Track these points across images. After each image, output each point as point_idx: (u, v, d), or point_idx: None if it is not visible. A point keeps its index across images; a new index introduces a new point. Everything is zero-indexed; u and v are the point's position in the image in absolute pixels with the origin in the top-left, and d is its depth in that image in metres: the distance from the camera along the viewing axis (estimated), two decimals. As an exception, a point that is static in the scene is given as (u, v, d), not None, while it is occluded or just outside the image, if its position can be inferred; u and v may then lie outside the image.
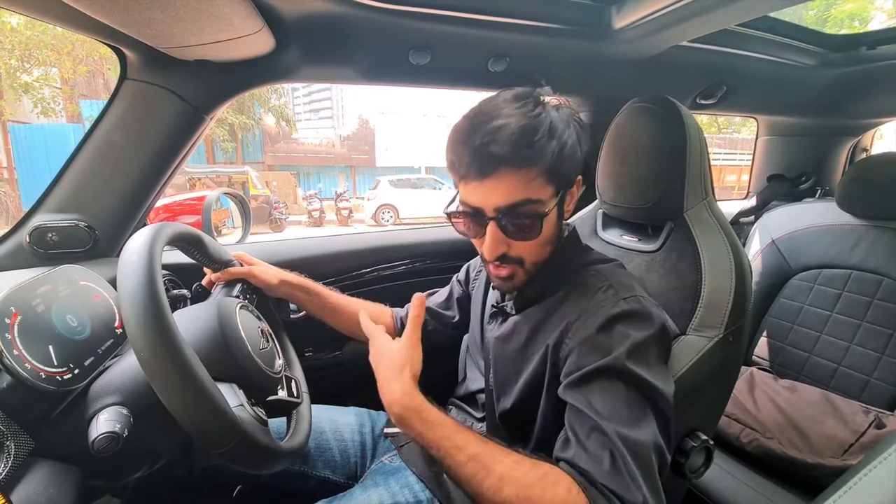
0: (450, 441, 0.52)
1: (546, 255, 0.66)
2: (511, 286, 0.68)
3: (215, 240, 0.85)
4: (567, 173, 0.61)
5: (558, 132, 0.58)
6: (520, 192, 0.57)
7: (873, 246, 1.16)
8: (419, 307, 0.64)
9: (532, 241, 0.61)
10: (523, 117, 0.56)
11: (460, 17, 0.89)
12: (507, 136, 0.55)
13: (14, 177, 8.90)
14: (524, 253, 0.63)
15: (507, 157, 0.55)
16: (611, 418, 0.50)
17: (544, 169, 0.57)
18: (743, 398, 1.13)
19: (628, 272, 0.68)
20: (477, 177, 0.58)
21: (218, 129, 13.03)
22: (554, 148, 0.57)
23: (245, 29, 0.74)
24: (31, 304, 0.56)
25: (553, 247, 0.66)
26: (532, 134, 0.56)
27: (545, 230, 0.61)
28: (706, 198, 0.79)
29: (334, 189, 13.11)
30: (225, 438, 0.50)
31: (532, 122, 0.56)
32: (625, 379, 0.53)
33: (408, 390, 0.56)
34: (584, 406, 0.52)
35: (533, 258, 0.64)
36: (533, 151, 0.56)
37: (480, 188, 0.58)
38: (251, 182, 9.93)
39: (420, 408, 0.55)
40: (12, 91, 8.89)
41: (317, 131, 18.95)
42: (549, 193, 0.60)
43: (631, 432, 0.49)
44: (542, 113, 0.58)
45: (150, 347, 0.47)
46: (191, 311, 0.67)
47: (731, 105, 1.46)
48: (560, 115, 0.60)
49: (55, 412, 0.54)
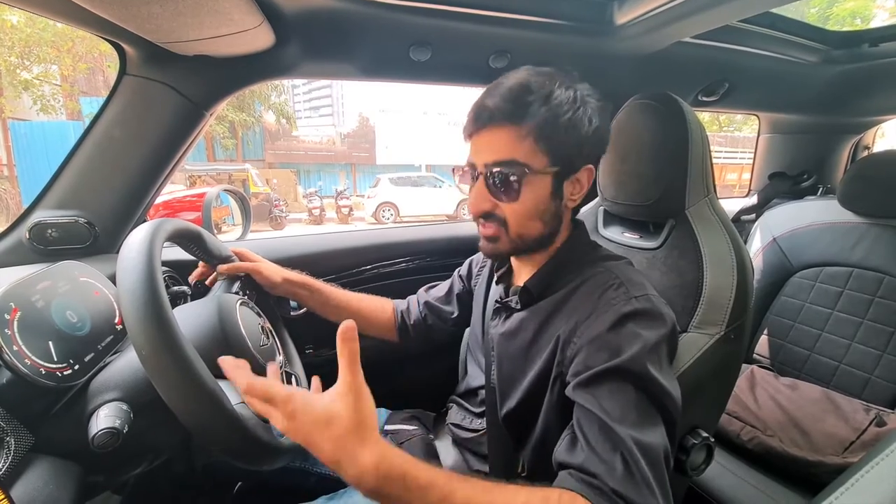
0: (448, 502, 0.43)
1: (536, 233, 0.64)
2: (493, 249, 0.66)
3: (215, 236, 0.84)
4: (565, 148, 0.60)
5: (555, 101, 0.58)
6: (507, 151, 0.59)
7: (874, 244, 1.16)
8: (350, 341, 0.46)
9: (516, 206, 0.61)
10: (524, 79, 0.60)
11: (461, 12, 0.89)
12: (502, 90, 0.59)
13: (14, 174, 8.90)
14: (509, 216, 0.62)
15: (498, 110, 0.58)
16: (622, 421, 0.49)
17: (533, 131, 0.58)
18: (744, 396, 1.13)
19: (638, 270, 0.68)
20: (473, 130, 0.62)
21: (218, 126, 13.02)
22: (545, 113, 0.58)
23: (245, 24, 0.74)
24: (31, 299, 0.55)
25: (543, 225, 0.64)
26: (525, 93, 0.58)
27: (527, 196, 0.60)
28: (708, 195, 0.78)
29: (335, 187, 13.12)
30: (225, 435, 0.50)
31: (529, 83, 0.59)
32: (636, 381, 0.52)
33: (381, 454, 0.43)
34: (593, 407, 0.51)
35: (517, 227, 0.63)
36: (520, 108, 0.58)
37: (476, 142, 0.62)
38: (251, 180, 9.93)
39: (403, 472, 0.43)
40: (12, 88, 8.88)
41: (317, 129, 18.93)
42: (540, 162, 0.60)
43: (642, 436, 0.48)
44: (546, 81, 0.59)
45: (150, 344, 0.46)
46: (191, 308, 0.67)
47: (733, 102, 1.45)
48: (567, 92, 0.60)
49: (55, 408, 0.54)
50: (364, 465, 0.42)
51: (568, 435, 0.54)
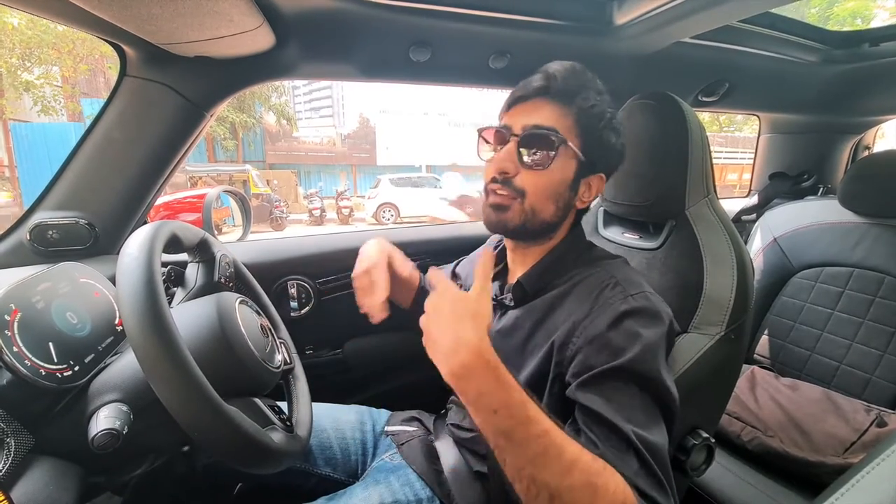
0: (524, 409, 0.44)
1: (546, 216, 0.64)
2: (499, 219, 0.64)
3: (215, 237, 0.84)
4: (595, 145, 0.63)
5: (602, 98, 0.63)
6: (550, 121, 0.61)
7: (875, 244, 1.16)
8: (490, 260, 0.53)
9: (539, 177, 0.62)
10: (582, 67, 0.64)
11: (461, 13, 0.89)
12: (564, 66, 0.63)
13: (15, 175, 8.91)
14: (528, 186, 0.62)
15: (555, 82, 0.61)
16: (628, 420, 0.50)
17: (577, 116, 0.61)
18: (744, 396, 1.12)
19: (633, 268, 0.68)
20: (520, 97, 0.64)
21: (219, 127, 13.04)
22: (592, 105, 0.61)
23: (244, 25, 0.74)
24: (32, 301, 0.55)
25: (556, 210, 0.64)
26: (583, 76, 0.63)
27: (554, 170, 0.62)
28: (708, 195, 0.78)
29: (335, 188, 13.12)
30: (224, 439, 0.50)
31: (587, 72, 0.64)
32: (640, 381, 0.53)
33: (485, 339, 0.46)
34: (599, 407, 0.51)
35: (534, 198, 0.62)
36: (577, 88, 0.61)
37: (517, 110, 0.64)
38: (252, 180, 9.94)
39: (497, 363, 0.45)
40: (13, 89, 8.89)
41: (317, 130, 18.95)
42: (575, 142, 0.62)
43: (648, 435, 0.49)
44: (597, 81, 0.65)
45: (149, 347, 0.46)
46: (190, 307, 0.67)
47: (734, 102, 1.45)
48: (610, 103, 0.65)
49: (55, 409, 0.54)
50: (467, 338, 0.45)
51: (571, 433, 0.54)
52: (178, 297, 0.78)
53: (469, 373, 0.44)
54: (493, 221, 0.65)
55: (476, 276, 0.51)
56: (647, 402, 0.53)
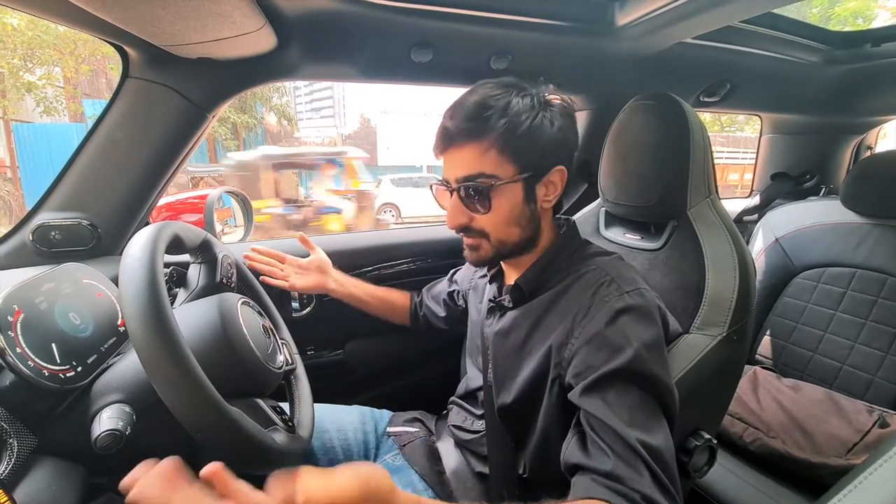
0: None
1: (516, 238, 0.65)
2: (476, 258, 0.68)
3: (217, 237, 0.84)
4: (528, 155, 0.61)
5: (512, 112, 0.59)
6: (474, 166, 0.61)
7: (877, 244, 1.15)
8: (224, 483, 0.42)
9: (491, 217, 0.63)
10: (481, 96, 0.61)
11: (462, 13, 0.89)
12: (460, 111, 0.61)
13: (17, 176, 8.93)
14: (487, 227, 0.64)
15: (458, 130, 0.61)
16: (632, 424, 0.50)
17: (495, 143, 0.59)
18: (746, 397, 1.12)
19: (628, 264, 0.68)
20: (441, 150, 0.64)
21: (220, 127, 13.05)
22: (505, 125, 0.59)
23: (247, 26, 0.74)
24: (34, 301, 0.56)
25: (522, 230, 0.65)
26: (482, 109, 0.60)
27: (499, 205, 0.62)
28: (709, 196, 0.78)
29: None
30: (226, 440, 0.50)
31: (487, 100, 0.60)
32: (640, 382, 0.53)
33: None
34: (603, 414, 0.51)
35: (497, 234, 0.65)
36: (478, 124, 0.59)
37: (446, 160, 0.64)
38: (253, 181, 9.93)
39: None
40: (15, 90, 8.92)
41: (319, 130, 18.97)
42: (507, 171, 0.61)
43: (653, 439, 0.50)
44: (501, 94, 0.61)
45: (151, 348, 0.46)
46: (192, 308, 0.67)
47: (735, 103, 1.45)
48: (524, 101, 0.61)
49: (58, 410, 0.54)
50: None
51: (575, 436, 0.55)
52: (180, 297, 0.78)
53: None
54: (472, 260, 0.69)
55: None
56: (649, 402, 0.53)
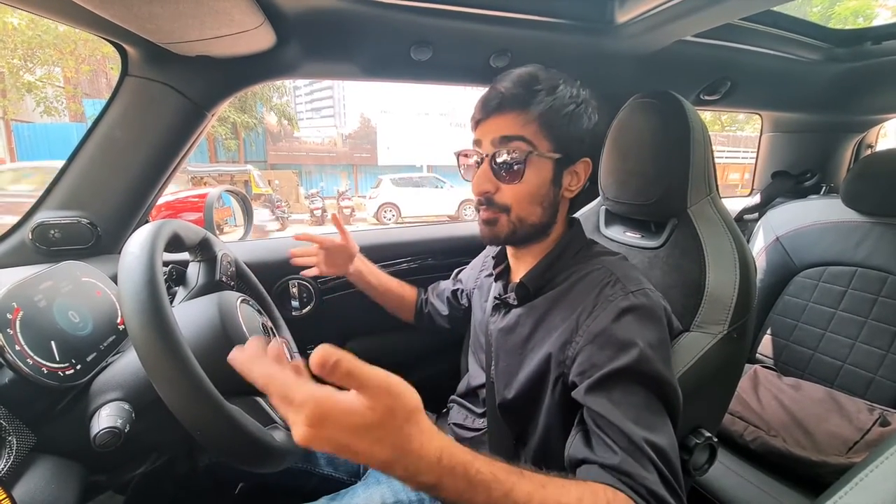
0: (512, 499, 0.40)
1: (534, 219, 0.66)
2: (491, 233, 0.67)
3: (217, 236, 0.84)
4: (566, 137, 0.63)
5: (559, 93, 0.62)
6: (515, 129, 0.62)
7: (878, 243, 1.15)
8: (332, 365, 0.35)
9: (518, 188, 0.63)
10: (533, 71, 0.64)
11: (462, 11, 0.89)
12: (512, 77, 0.63)
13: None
14: (511, 200, 0.64)
15: (508, 94, 0.62)
16: (637, 423, 0.50)
17: (539, 117, 0.62)
18: (747, 396, 1.12)
19: (633, 265, 0.68)
20: (482, 116, 0.65)
21: (220, 127, 13.06)
22: (550, 102, 0.62)
23: (245, 24, 0.74)
24: (34, 299, 0.56)
25: (542, 211, 0.66)
26: (534, 81, 0.62)
27: (530, 177, 0.63)
28: (710, 194, 0.78)
29: (336, 188, 13.14)
30: (225, 438, 0.50)
31: (538, 74, 0.63)
32: (645, 381, 0.53)
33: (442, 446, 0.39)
34: (608, 412, 0.51)
35: (519, 210, 0.65)
36: (529, 94, 0.62)
37: (485, 126, 0.65)
38: (254, 181, 9.96)
39: (465, 465, 0.39)
40: (15, 90, 8.93)
41: (319, 130, 18.95)
42: (544, 145, 0.63)
43: (657, 437, 0.50)
44: (553, 76, 0.64)
45: (151, 346, 0.46)
46: (192, 306, 0.67)
47: (736, 101, 1.45)
48: (570, 89, 0.64)
49: (57, 408, 0.54)
50: (427, 459, 0.37)
51: (579, 432, 0.55)
52: (179, 295, 0.78)
53: (436, 486, 0.39)
54: (487, 236, 0.68)
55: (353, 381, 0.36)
56: (654, 401, 0.53)
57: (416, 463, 0.37)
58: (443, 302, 1.01)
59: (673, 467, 0.49)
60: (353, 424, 0.35)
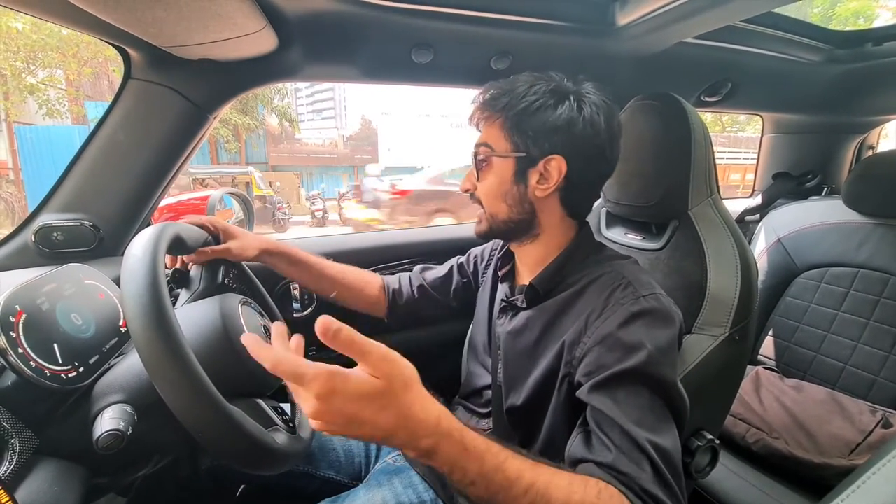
0: (502, 473, 0.41)
1: (504, 215, 0.68)
2: (478, 229, 0.72)
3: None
4: (529, 136, 0.63)
5: (530, 93, 0.64)
6: (484, 136, 0.68)
7: (880, 244, 1.15)
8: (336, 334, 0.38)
9: (483, 185, 0.69)
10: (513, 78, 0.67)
11: (463, 14, 0.89)
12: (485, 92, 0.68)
13: (20, 178, 8.96)
14: (481, 196, 0.70)
15: (475, 112, 0.69)
16: (640, 424, 0.50)
17: (503, 119, 0.65)
18: (749, 398, 1.12)
19: (644, 269, 0.68)
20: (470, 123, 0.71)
21: (222, 129, 13.08)
22: (514, 103, 0.64)
23: (248, 28, 0.74)
24: (36, 302, 0.56)
25: (508, 208, 0.67)
26: (502, 89, 0.66)
27: (490, 178, 0.68)
28: (711, 195, 0.78)
29: (337, 189, 13.13)
30: (228, 440, 0.50)
31: (515, 80, 0.66)
32: (651, 384, 0.53)
33: (441, 410, 0.41)
34: (611, 411, 0.51)
35: (488, 206, 0.69)
36: (494, 100, 0.66)
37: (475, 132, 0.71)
38: (255, 182, 9.96)
39: (462, 431, 0.41)
40: (18, 93, 8.95)
41: (320, 132, 18.98)
42: (503, 146, 0.66)
43: (660, 439, 0.50)
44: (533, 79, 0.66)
45: (153, 349, 0.47)
46: (194, 309, 0.67)
47: (737, 102, 1.45)
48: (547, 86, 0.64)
49: (60, 410, 0.54)
50: (427, 423, 0.40)
51: (580, 433, 0.54)
52: (182, 298, 0.78)
53: (437, 454, 0.40)
54: (476, 231, 0.73)
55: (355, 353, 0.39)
56: (658, 404, 0.53)
57: (416, 428, 0.39)
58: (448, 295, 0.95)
59: (674, 469, 0.49)
60: (360, 392, 0.38)
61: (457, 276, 0.95)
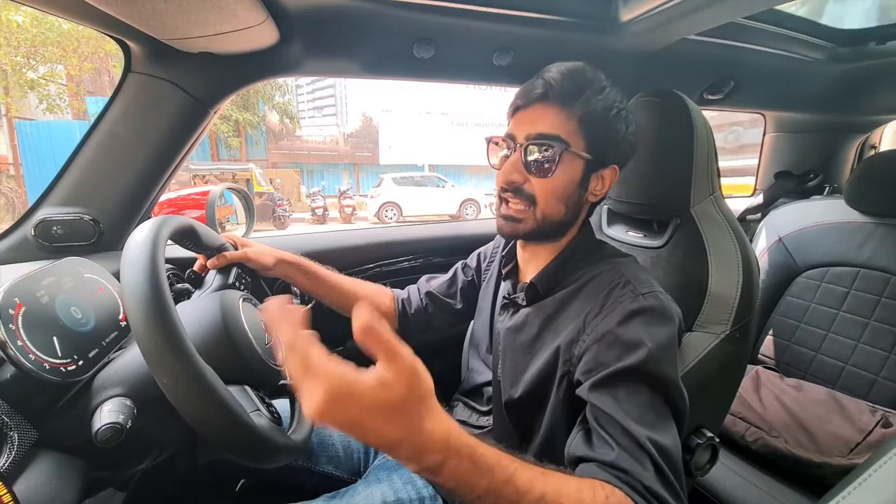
0: (511, 486, 0.40)
1: (559, 217, 0.65)
2: (512, 230, 0.66)
3: (216, 230, 0.84)
4: (602, 141, 0.62)
5: (605, 94, 0.62)
6: (553, 127, 0.61)
7: (881, 244, 1.15)
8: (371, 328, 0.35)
9: (547, 183, 0.62)
10: (582, 67, 0.63)
11: (465, 9, 0.89)
12: (561, 70, 0.62)
13: (20, 173, 8.96)
14: (539, 194, 0.63)
15: (554, 85, 0.61)
16: (640, 422, 0.50)
17: (580, 116, 0.61)
18: (748, 397, 1.12)
19: (643, 267, 0.68)
20: (522, 104, 0.64)
21: (222, 125, 13.07)
22: (595, 103, 0.61)
23: (248, 20, 0.74)
24: (36, 295, 0.56)
25: (567, 210, 0.65)
26: (582, 78, 0.62)
27: (560, 174, 0.62)
28: (713, 193, 0.78)
29: (338, 186, 13.12)
30: (228, 432, 0.50)
31: (586, 71, 0.63)
32: (651, 382, 0.53)
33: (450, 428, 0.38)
34: (611, 409, 0.51)
35: (544, 205, 0.63)
36: (576, 90, 0.61)
37: (521, 116, 0.64)
38: (255, 179, 9.95)
39: (471, 447, 0.39)
40: (18, 88, 8.93)
41: (320, 129, 18.91)
42: (578, 145, 0.62)
43: (660, 437, 0.49)
44: (598, 76, 0.63)
45: (153, 342, 0.46)
46: (194, 304, 0.67)
47: (739, 100, 1.44)
48: (616, 94, 0.64)
49: (59, 403, 0.54)
50: (436, 440, 0.37)
51: (581, 431, 0.54)
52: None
53: (439, 468, 0.38)
54: (507, 232, 0.67)
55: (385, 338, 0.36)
56: (658, 402, 0.53)
57: (424, 443, 0.37)
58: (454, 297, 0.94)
59: (675, 467, 0.49)
60: (376, 401, 0.34)
61: (461, 276, 0.95)
